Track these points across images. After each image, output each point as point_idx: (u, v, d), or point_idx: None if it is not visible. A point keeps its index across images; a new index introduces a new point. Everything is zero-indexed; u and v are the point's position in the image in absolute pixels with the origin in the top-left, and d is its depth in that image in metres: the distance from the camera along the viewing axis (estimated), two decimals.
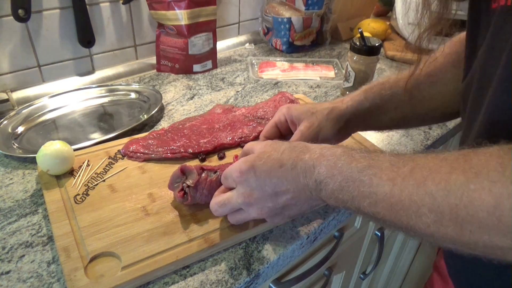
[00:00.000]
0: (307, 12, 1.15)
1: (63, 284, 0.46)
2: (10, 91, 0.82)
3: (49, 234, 0.52)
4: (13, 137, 0.72)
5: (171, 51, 0.98)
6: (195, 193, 0.52)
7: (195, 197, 0.52)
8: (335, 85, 0.98)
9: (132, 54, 1.00)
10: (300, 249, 0.55)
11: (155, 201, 0.55)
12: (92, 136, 0.73)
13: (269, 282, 0.58)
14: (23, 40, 0.81)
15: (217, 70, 1.04)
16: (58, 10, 0.83)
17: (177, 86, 0.94)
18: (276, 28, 1.16)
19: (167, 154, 0.64)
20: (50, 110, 0.81)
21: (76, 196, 0.55)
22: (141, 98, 0.86)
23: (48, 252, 0.50)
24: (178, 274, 0.48)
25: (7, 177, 0.62)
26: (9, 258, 0.49)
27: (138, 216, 0.52)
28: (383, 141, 0.75)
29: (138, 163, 0.63)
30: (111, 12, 0.91)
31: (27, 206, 0.57)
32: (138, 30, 0.98)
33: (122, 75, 0.97)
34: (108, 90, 0.88)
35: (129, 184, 0.58)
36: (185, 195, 0.52)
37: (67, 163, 0.59)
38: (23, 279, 0.46)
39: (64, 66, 0.89)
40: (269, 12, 1.17)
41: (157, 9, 0.93)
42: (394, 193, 0.33)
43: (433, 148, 0.79)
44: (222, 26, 1.16)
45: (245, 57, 1.13)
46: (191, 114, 0.82)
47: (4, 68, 0.81)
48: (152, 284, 0.46)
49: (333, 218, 0.57)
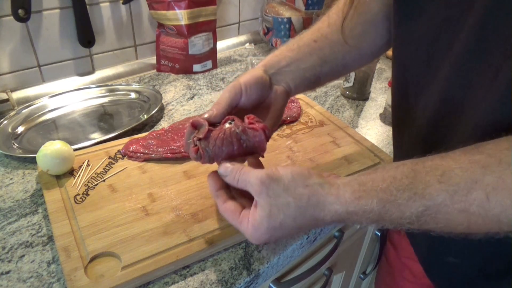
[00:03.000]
0: (307, 12, 1.15)
1: (63, 284, 0.46)
2: (10, 91, 0.82)
3: (49, 234, 0.52)
4: (13, 137, 0.72)
5: (171, 51, 0.98)
6: (207, 146, 0.44)
7: (208, 151, 0.44)
8: (335, 85, 0.98)
9: (132, 54, 1.00)
10: (300, 249, 0.55)
11: (155, 201, 0.55)
12: (92, 136, 0.73)
13: (269, 282, 0.58)
14: (23, 40, 0.81)
15: (217, 70, 1.04)
16: (58, 10, 0.83)
17: (177, 86, 0.94)
18: (276, 28, 1.16)
19: (167, 154, 0.64)
20: (50, 110, 0.81)
21: (76, 196, 0.55)
22: (141, 98, 0.86)
23: (48, 252, 0.50)
24: (178, 274, 0.48)
25: (7, 177, 0.62)
26: (9, 258, 0.49)
27: (138, 216, 0.53)
28: (383, 141, 0.75)
29: (138, 163, 0.63)
30: (111, 12, 0.91)
31: (27, 206, 0.57)
32: (138, 30, 0.98)
33: (122, 75, 0.97)
34: (108, 90, 0.88)
35: (129, 184, 0.58)
36: (199, 151, 0.45)
37: (67, 163, 0.59)
38: (23, 279, 0.46)
39: (64, 66, 0.89)
40: (269, 12, 1.17)
41: (157, 9, 0.93)
42: None
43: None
44: (222, 26, 1.16)
45: (245, 57, 1.13)
46: (191, 114, 0.82)
47: (4, 68, 0.81)
48: (152, 284, 0.46)
49: None
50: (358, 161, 0.65)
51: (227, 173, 0.42)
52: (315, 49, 0.54)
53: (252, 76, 0.49)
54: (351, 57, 0.55)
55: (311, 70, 0.53)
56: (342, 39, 0.53)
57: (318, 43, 0.54)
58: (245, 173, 0.40)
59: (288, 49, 0.54)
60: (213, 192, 0.44)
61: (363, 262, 0.93)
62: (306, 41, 0.54)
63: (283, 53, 0.54)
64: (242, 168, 0.41)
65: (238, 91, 0.47)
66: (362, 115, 0.85)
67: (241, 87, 0.48)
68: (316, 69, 0.54)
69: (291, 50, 0.54)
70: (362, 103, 0.90)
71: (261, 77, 0.50)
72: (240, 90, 0.48)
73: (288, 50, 0.54)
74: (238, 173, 0.40)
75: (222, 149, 0.43)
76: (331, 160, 0.64)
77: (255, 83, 0.48)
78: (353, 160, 0.65)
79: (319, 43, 0.54)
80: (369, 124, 0.81)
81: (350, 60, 0.56)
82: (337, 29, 0.54)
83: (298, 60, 0.53)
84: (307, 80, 0.54)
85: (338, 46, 0.54)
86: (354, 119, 0.83)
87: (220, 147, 0.43)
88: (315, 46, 0.54)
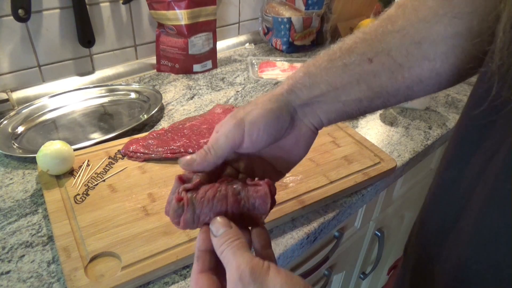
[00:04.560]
0: (307, 12, 1.15)
1: (63, 284, 0.46)
2: (10, 91, 0.82)
3: (49, 234, 0.52)
4: (13, 137, 0.72)
5: (171, 51, 0.98)
6: (194, 198, 0.34)
7: (194, 203, 0.33)
8: None
9: (132, 54, 1.00)
10: (300, 249, 0.55)
11: (155, 201, 0.55)
12: (92, 136, 0.73)
13: None
14: (23, 40, 0.81)
15: (217, 70, 1.04)
16: (58, 10, 0.83)
17: (177, 86, 0.94)
18: (276, 28, 1.16)
19: (167, 154, 0.64)
20: (50, 110, 0.81)
21: (76, 196, 0.55)
22: (141, 98, 0.86)
23: (48, 252, 0.50)
24: (178, 274, 0.48)
25: (7, 177, 0.62)
26: (9, 258, 0.49)
27: (138, 216, 0.52)
28: (383, 141, 0.75)
29: (138, 163, 0.63)
30: (111, 12, 0.91)
31: (27, 206, 0.57)
32: (138, 30, 0.98)
33: (122, 75, 0.97)
34: (108, 90, 0.88)
35: (129, 184, 0.58)
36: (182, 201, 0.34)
37: (67, 163, 0.59)
38: (23, 279, 0.46)
39: (64, 66, 0.89)
40: (269, 12, 1.17)
41: (157, 9, 0.93)
42: None
43: (433, 148, 0.79)
44: (222, 26, 1.16)
45: (245, 57, 1.13)
46: (191, 114, 0.82)
47: (4, 68, 0.81)
48: (152, 284, 0.46)
49: (333, 218, 0.57)
50: (358, 161, 0.65)
51: (217, 234, 0.32)
52: (367, 74, 0.37)
53: (265, 110, 0.36)
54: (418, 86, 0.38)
55: (355, 105, 0.38)
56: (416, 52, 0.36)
57: (375, 65, 0.37)
58: (233, 252, 0.30)
59: (326, 67, 0.38)
60: (196, 251, 0.33)
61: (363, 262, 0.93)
62: (356, 58, 0.37)
63: (319, 73, 0.38)
64: (235, 240, 0.30)
65: (239, 134, 0.36)
66: None
67: (244, 129, 0.36)
68: (362, 104, 0.38)
69: (331, 70, 0.37)
70: None
71: (278, 113, 0.36)
72: (243, 132, 0.36)
73: (327, 70, 0.38)
74: (226, 245, 0.30)
75: (213, 204, 0.33)
76: (331, 160, 0.64)
77: (265, 123, 0.36)
78: (353, 160, 0.65)
79: (376, 64, 0.37)
80: (369, 124, 0.81)
81: (417, 90, 0.38)
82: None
83: (339, 88, 0.37)
84: (346, 114, 0.39)
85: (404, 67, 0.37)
86: (354, 119, 0.83)
87: (211, 201, 0.33)
88: (369, 69, 0.37)
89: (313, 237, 0.56)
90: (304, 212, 0.56)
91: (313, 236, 0.56)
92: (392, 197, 0.87)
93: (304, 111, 0.38)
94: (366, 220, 0.82)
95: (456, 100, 0.92)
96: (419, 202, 0.42)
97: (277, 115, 0.36)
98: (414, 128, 0.80)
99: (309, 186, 0.58)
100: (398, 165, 0.67)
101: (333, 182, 0.60)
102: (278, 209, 0.54)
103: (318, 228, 0.55)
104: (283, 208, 0.54)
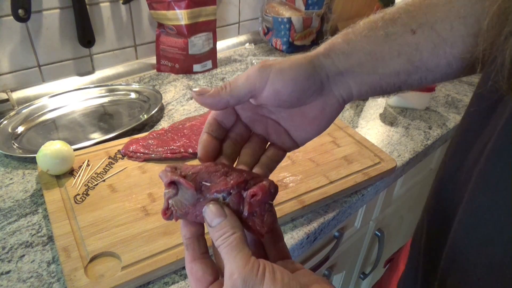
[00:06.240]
0: (307, 12, 1.15)
1: (63, 284, 0.46)
2: (10, 91, 0.82)
3: (49, 234, 0.52)
4: (13, 137, 0.72)
5: (171, 51, 0.98)
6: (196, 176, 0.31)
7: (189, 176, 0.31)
8: None
9: (132, 54, 1.00)
10: (300, 249, 0.55)
11: (155, 201, 0.55)
12: (92, 136, 0.73)
13: None
14: (23, 40, 0.81)
15: (217, 70, 1.04)
16: (58, 10, 0.83)
17: (177, 86, 0.94)
18: (276, 28, 1.16)
19: (167, 154, 0.64)
20: (50, 110, 0.81)
21: (76, 196, 0.55)
22: (141, 98, 0.86)
23: (48, 252, 0.50)
24: (178, 274, 0.48)
25: (7, 177, 0.62)
26: (9, 258, 0.49)
27: (138, 216, 0.53)
28: (383, 141, 0.75)
29: (138, 163, 0.63)
30: (111, 12, 0.91)
31: (27, 206, 0.57)
32: (138, 30, 0.98)
33: (122, 75, 0.97)
34: (108, 90, 0.88)
35: (129, 184, 0.58)
36: None
37: (67, 163, 0.59)
38: (23, 279, 0.46)
39: (64, 66, 0.89)
40: (269, 12, 1.17)
41: (157, 9, 0.93)
42: None
43: (433, 148, 0.79)
44: (222, 26, 1.16)
45: (245, 57, 1.13)
46: (191, 114, 0.82)
47: (4, 68, 0.81)
48: (152, 284, 0.46)
49: (333, 218, 0.57)
50: (358, 161, 0.65)
51: (212, 224, 0.29)
52: (409, 46, 0.35)
53: (297, 65, 0.33)
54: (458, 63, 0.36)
55: (392, 78, 0.36)
56: None
57: (417, 37, 0.35)
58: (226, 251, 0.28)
59: (367, 35, 0.35)
60: (183, 240, 0.31)
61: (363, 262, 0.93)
62: (400, 28, 0.35)
63: (359, 40, 0.35)
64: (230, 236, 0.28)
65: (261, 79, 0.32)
66: (362, 115, 0.85)
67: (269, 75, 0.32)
68: (399, 78, 0.36)
69: (371, 38, 0.35)
70: (362, 103, 0.90)
71: (310, 72, 0.33)
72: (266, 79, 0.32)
73: (367, 38, 0.35)
74: (221, 241, 0.28)
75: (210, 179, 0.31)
76: (331, 160, 0.64)
77: (293, 77, 0.32)
78: (353, 160, 0.65)
79: (419, 37, 0.35)
80: (369, 124, 0.81)
81: (456, 68, 0.36)
82: None
83: (378, 59, 0.35)
84: (379, 89, 0.37)
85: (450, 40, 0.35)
86: (354, 119, 0.83)
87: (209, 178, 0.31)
88: (411, 41, 0.35)
89: (313, 237, 0.56)
90: (304, 212, 0.56)
91: (313, 236, 0.56)
92: (392, 197, 0.87)
93: (336, 80, 0.35)
94: (366, 220, 0.82)
95: (456, 100, 0.92)
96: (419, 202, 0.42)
97: (308, 74, 0.33)
98: (414, 128, 0.80)
99: (309, 186, 0.58)
100: (398, 165, 0.67)
101: (333, 182, 0.60)
102: (278, 209, 0.54)
103: (318, 228, 0.55)
104: (283, 208, 0.54)
